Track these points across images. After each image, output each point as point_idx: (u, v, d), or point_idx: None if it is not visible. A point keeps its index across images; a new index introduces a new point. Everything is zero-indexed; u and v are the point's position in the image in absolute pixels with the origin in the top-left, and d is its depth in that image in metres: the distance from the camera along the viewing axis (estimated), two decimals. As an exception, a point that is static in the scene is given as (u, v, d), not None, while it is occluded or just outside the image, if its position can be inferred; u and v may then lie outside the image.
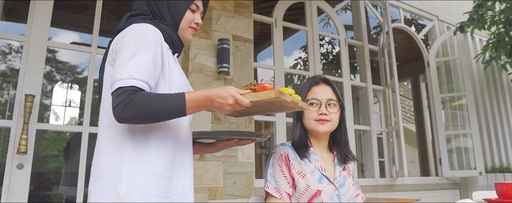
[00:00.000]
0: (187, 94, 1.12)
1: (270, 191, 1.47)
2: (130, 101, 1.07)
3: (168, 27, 1.33)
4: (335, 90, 1.56)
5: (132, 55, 1.14)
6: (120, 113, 1.07)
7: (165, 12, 1.33)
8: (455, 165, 4.89)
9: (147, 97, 1.09)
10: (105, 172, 1.17)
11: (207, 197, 3.00)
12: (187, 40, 1.39)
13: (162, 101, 1.09)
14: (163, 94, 1.12)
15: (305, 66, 6.55)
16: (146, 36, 1.19)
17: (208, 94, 1.11)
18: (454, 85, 5.20)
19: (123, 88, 1.09)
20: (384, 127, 4.71)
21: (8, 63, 5.97)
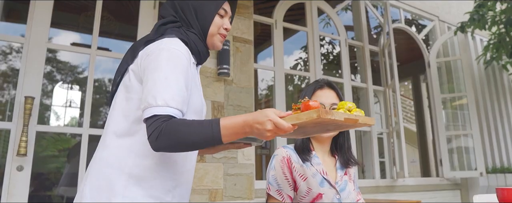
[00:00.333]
0: (223, 120, 1.06)
1: (272, 193, 1.47)
2: (163, 129, 1.04)
3: (196, 36, 1.27)
4: (339, 95, 1.56)
5: (166, 79, 1.09)
6: (154, 142, 1.05)
7: (193, 19, 1.28)
8: (456, 166, 4.88)
9: (181, 125, 1.05)
10: (101, 181, 1.14)
11: (207, 199, 2.99)
12: (216, 47, 1.33)
13: (196, 129, 1.04)
14: (196, 121, 1.07)
15: (305, 66, 6.55)
16: (179, 58, 1.14)
17: (246, 120, 1.04)
18: (454, 85, 5.19)
19: (158, 116, 1.06)
20: (384, 127, 4.70)
21: (9, 63, 5.97)
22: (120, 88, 1.24)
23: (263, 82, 7.42)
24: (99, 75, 7.43)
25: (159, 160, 1.16)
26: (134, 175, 1.13)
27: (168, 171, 1.18)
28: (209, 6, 1.29)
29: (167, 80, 1.09)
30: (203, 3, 1.29)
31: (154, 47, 1.17)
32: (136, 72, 1.19)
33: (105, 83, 7.72)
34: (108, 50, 5.33)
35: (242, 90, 3.38)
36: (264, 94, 7.73)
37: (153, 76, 1.11)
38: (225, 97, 3.27)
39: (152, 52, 1.16)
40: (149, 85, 1.10)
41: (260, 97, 7.60)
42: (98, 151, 1.22)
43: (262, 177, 6.43)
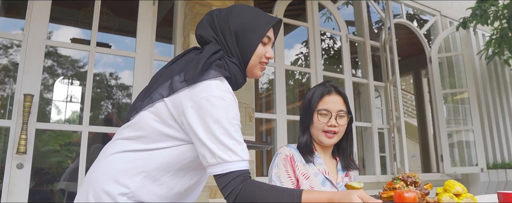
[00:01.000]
0: (305, 194, 1.01)
1: None
2: (242, 190, 1.01)
3: (237, 67, 1.18)
4: (346, 101, 1.56)
5: (230, 135, 1.05)
6: (230, 199, 1.03)
7: (233, 46, 1.18)
8: (456, 161, 4.88)
9: (261, 190, 1.02)
10: (103, 194, 1.12)
11: (207, 196, 2.99)
12: (256, 77, 1.25)
13: (276, 197, 1.01)
14: (277, 188, 1.03)
15: (306, 61, 6.52)
16: (234, 107, 1.09)
17: (331, 199, 1.00)
18: (456, 80, 5.17)
19: (235, 173, 1.03)
20: (385, 123, 4.69)
21: (10, 57, 5.95)
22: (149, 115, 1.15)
23: (264, 76, 7.41)
24: (100, 69, 7.44)
25: (166, 187, 1.14)
26: (137, 195, 1.10)
27: (171, 199, 1.17)
28: (252, 33, 1.18)
29: (233, 134, 1.05)
30: (246, 29, 1.18)
31: (205, 94, 1.07)
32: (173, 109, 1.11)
33: (106, 77, 7.72)
34: (108, 45, 5.31)
35: (243, 86, 3.36)
36: (265, 88, 7.72)
37: (217, 129, 1.04)
38: (225, 94, 3.25)
39: (202, 103, 1.06)
40: (214, 140, 1.04)
41: (261, 91, 7.59)
42: (107, 160, 1.16)
43: (262, 173, 6.44)
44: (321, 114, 1.52)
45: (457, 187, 1.08)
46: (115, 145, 1.17)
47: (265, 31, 1.20)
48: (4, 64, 5.78)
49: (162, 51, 5.23)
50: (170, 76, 1.15)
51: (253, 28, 1.19)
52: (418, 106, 7.14)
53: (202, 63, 1.10)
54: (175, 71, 1.15)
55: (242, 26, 1.18)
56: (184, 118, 1.07)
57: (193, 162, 1.14)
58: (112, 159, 1.13)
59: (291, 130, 4.72)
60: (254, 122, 3.37)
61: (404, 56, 6.75)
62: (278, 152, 1.55)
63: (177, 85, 1.11)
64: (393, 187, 1.07)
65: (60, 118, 7.10)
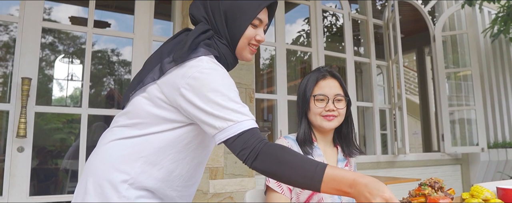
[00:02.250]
0: (330, 168, 0.95)
1: (271, 185, 1.43)
2: (263, 151, 0.97)
3: (227, 48, 1.17)
4: (342, 84, 1.51)
5: (232, 99, 1.02)
6: (251, 161, 0.98)
7: (223, 27, 1.15)
8: (457, 141, 4.88)
9: (283, 152, 0.97)
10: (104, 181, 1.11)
11: (208, 177, 3.01)
12: (246, 59, 1.21)
13: (299, 162, 0.95)
14: (301, 155, 0.98)
15: (308, 39, 6.43)
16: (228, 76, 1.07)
17: (356, 180, 0.91)
18: (460, 59, 5.10)
19: (251, 132, 0.99)
20: (387, 103, 4.67)
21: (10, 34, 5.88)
22: (142, 100, 1.14)
23: (266, 52, 7.32)
24: (101, 45, 7.38)
25: (166, 171, 1.13)
26: (138, 181, 1.10)
27: (172, 182, 1.16)
28: (242, 15, 1.14)
29: (235, 98, 1.03)
30: (236, 10, 1.14)
31: (196, 68, 1.05)
32: (166, 91, 1.09)
33: (108, 54, 7.67)
34: (107, 23, 5.24)
35: (243, 67, 3.33)
36: (267, 64, 7.66)
37: (219, 97, 1.02)
38: (225, 75, 3.22)
39: (196, 76, 1.04)
40: (218, 107, 1.01)
41: (263, 67, 7.52)
42: (105, 147, 1.15)
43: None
44: (318, 100, 1.48)
45: (485, 193, 1.06)
46: (112, 133, 1.16)
47: (255, 13, 1.15)
48: (3, 45, 5.72)
49: (161, 29, 5.15)
50: (160, 59, 1.13)
51: (244, 9, 1.15)
52: (421, 84, 7.09)
53: (190, 42, 1.09)
54: (164, 53, 1.13)
55: (232, 6, 1.15)
56: (181, 96, 1.05)
57: (192, 142, 1.13)
58: (110, 147, 1.13)
59: (292, 110, 4.72)
60: (254, 103, 3.35)
61: (407, 33, 6.64)
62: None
63: (166, 66, 1.09)
64: (422, 193, 1.06)
65: (62, 95, 7.11)
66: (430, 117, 6.74)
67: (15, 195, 2.49)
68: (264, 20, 1.20)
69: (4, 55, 5.65)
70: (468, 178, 4.81)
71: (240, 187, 3.14)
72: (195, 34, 1.11)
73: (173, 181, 1.16)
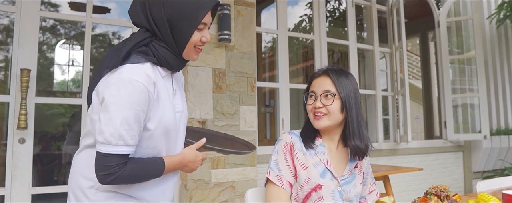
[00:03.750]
0: (166, 161, 1.22)
1: (271, 178, 1.43)
2: (121, 175, 1.11)
3: (168, 51, 1.20)
4: (335, 82, 1.42)
5: (125, 119, 1.09)
6: (105, 181, 1.10)
7: (167, 35, 1.18)
8: (460, 127, 4.87)
9: (135, 167, 1.14)
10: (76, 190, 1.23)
11: (209, 167, 3.02)
12: (193, 59, 1.27)
13: (146, 170, 1.17)
14: (148, 163, 1.18)
15: (310, 23, 6.35)
16: (139, 92, 1.10)
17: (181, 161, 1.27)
18: (464, 45, 5.03)
19: (114, 157, 1.10)
20: (390, 90, 4.64)
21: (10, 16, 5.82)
22: (89, 110, 1.24)
23: (267, 35, 7.24)
24: (103, 29, 7.31)
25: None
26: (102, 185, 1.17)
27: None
28: (186, 22, 1.17)
29: (127, 120, 1.09)
30: (179, 17, 1.17)
31: (115, 77, 1.12)
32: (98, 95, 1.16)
33: (109, 38, 7.61)
34: (107, 9, 5.17)
35: (244, 55, 3.29)
36: (268, 47, 7.58)
37: (115, 112, 1.09)
38: (227, 64, 3.19)
39: (111, 83, 1.11)
40: (108, 121, 1.09)
41: (264, 50, 7.45)
42: (76, 157, 1.28)
43: (266, 136, 6.49)
44: (310, 96, 1.47)
45: (492, 201, 1.05)
46: (82, 141, 1.28)
47: (200, 18, 1.18)
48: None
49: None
50: (101, 68, 1.19)
51: (188, 16, 1.17)
52: (424, 68, 7.03)
53: (125, 51, 1.15)
54: (105, 61, 1.19)
55: (176, 14, 1.16)
56: (102, 100, 1.13)
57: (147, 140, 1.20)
58: (77, 158, 1.26)
59: (294, 98, 4.70)
60: (256, 92, 3.33)
61: (411, 18, 6.54)
62: (279, 139, 1.51)
63: (104, 71, 1.16)
64: None
65: (64, 78, 7.09)
66: (432, 102, 6.71)
67: (18, 186, 2.50)
68: (208, 21, 1.24)
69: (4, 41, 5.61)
70: (469, 165, 4.82)
71: (242, 176, 3.16)
72: (131, 43, 1.17)
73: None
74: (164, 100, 1.20)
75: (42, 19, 5.33)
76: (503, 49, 5.20)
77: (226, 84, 3.17)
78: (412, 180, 4.33)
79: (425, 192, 1.12)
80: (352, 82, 1.46)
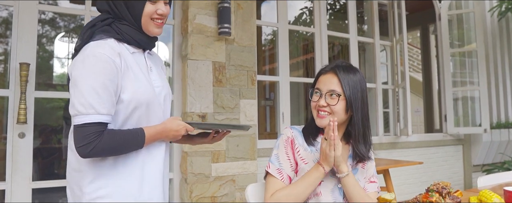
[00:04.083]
0: (146, 131, 1.22)
1: (271, 171, 1.44)
2: (98, 144, 1.12)
3: (130, 27, 1.28)
4: (342, 81, 1.39)
5: (92, 87, 1.13)
6: (85, 152, 1.12)
7: (124, 11, 1.26)
8: (460, 121, 4.86)
9: (113, 137, 1.15)
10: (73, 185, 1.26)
11: (210, 160, 3.02)
12: (154, 34, 1.31)
13: (126, 141, 1.18)
14: (126, 133, 1.19)
15: (311, 16, 6.32)
16: (104, 62, 1.15)
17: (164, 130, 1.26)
18: (464, 35, 5.01)
19: (90, 126, 1.12)
20: (390, 84, 4.63)
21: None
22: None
23: (268, 28, 7.19)
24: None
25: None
26: (94, 175, 1.21)
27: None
28: None
29: (95, 88, 1.13)
30: None
31: (80, 54, 1.18)
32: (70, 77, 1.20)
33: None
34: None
35: (244, 49, 3.28)
36: (269, 40, 7.54)
37: (81, 83, 1.13)
38: (227, 57, 3.18)
39: (77, 60, 1.17)
40: (78, 93, 1.13)
41: (264, 43, 7.42)
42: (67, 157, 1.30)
43: (266, 129, 6.49)
44: (315, 93, 1.45)
45: (494, 198, 1.05)
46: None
47: None
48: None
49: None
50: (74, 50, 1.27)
51: None
52: (424, 61, 7.00)
53: (84, 31, 1.24)
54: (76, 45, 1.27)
55: None
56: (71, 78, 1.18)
57: (129, 119, 1.24)
58: (68, 155, 1.29)
59: (294, 92, 4.70)
60: (256, 85, 3.32)
61: (411, 10, 6.49)
62: (281, 133, 1.52)
63: (74, 55, 1.23)
64: (430, 201, 1.05)
65: (64, 71, 7.06)
66: (432, 95, 6.70)
67: (19, 180, 2.51)
68: None
69: (3, 34, 5.58)
70: (469, 159, 4.82)
71: (242, 170, 3.16)
72: (91, 23, 1.27)
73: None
74: (137, 73, 1.25)
75: (41, 12, 5.30)
76: (504, 42, 5.18)
77: (226, 78, 3.16)
78: (412, 173, 4.34)
79: (426, 189, 1.12)
80: (360, 80, 1.43)
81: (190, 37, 3.01)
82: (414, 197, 1.12)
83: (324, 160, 1.34)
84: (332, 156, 1.31)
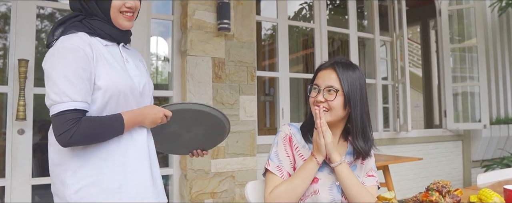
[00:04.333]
0: (125, 116, 1.24)
1: (271, 169, 1.43)
2: (77, 131, 1.13)
3: (101, 22, 1.30)
4: (340, 77, 1.38)
5: (65, 76, 1.14)
6: (65, 141, 1.13)
7: (94, 6, 1.29)
8: (459, 114, 4.86)
9: (91, 124, 1.16)
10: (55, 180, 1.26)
11: (209, 156, 3.02)
12: (124, 27, 1.33)
13: (104, 126, 1.19)
14: (104, 119, 1.20)
15: (311, 11, 6.29)
16: (75, 52, 1.17)
17: (142, 115, 1.29)
18: (465, 33, 4.99)
19: (66, 113, 1.13)
20: (390, 79, 4.62)
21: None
22: None
23: (267, 23, 7.17)
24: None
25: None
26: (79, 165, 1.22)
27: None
28: None
29: (67, 76, 1.14)
30: None
31: (51, 49, 1.21)
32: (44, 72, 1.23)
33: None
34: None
35: (244, 45, 3.27)
36: (268, 35, 7.52)
37: (53, 74, 1.15)
38: (226, 53, 3.17)
39: (48, 54, 1.20)
40: (51, 84, 1.15)
41: (264, 38, 7.40)
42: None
43: (265, 124, 6.49)
44: (313, 89, 1.44)
45: (494, 198, 1.04)
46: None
47: None
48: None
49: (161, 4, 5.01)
50: None
51: None
52: (424, 57, 6.99)
53: (58, 29, 1.27)
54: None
55: None
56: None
57: (105, 108, 1.24)
58: (49, 152, 1.29)
59: (294, 88, 4.69)
60: (256, 81, 3.31)
61: (412, 5, 6.47)
62: (279, 130, 1.51)
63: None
64: (430, 200, 1.05)
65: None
66: (432, 90, 6.69)
67: (18, 177, 2.51)
68: None
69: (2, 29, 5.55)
70: (468, 154, 4.83)
71: (241, 166, 3.16)
72: (60, 22, 1.30)
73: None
74: (111, 62, 1.27)
75: (40, 8, 5.27)
76: (505, 37, 5.16)
77: (226, 74, 3.16)
78: (411, 169, 4.35)
79: (426, 188, 1.12)
80: (359, 77, 1.41)
81: (189, 33, 3.00)
82: (414, 196, 1.11)
83: (316, 150, 1.35)
84: (322, 144, 1.32)
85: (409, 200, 1.11)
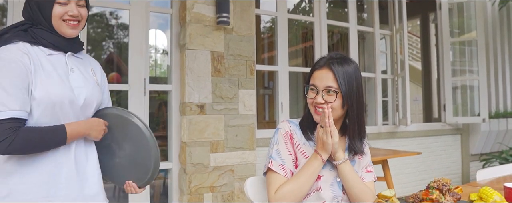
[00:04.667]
0: (68, 128, 1.25)
1: (274, 168, 1.39)
2: (15, 139, 1.14)
3: (44, 31, 1.30)
4: (337, 77, 1.36)
5: (5, 85, 1.16)
6: (3, 148, 1.14)
7: (38, 15, 1.29)
8: (458, 108, 4.86)
9: (31, 133, 1.18)
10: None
11: (208, 151, 3.02)
12: (68, 35, 1.32)
13: (45, 136, 1.21)
14: (45, 129, 1.21)
15: (310, 4, 6.26)
16: (12, 62, 1.18)
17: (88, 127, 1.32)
18: (465, 26, 4.97)
19: (4, 123, 1.14)
20: (389, 73, 4.61)
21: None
22: None
23: (267, 16, 7.12)
24: (100, 8, 7.19)
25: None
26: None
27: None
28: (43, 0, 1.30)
29: (3, 87, 1.16)
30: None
31: None
32: None
33: (107, 17, 7.50)
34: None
35: (243, 38, 3.25)
36: (267, 27, 7.49)
37: None
38: (225, 47, 3.15)
39: None
40: None
41: (263, 30, 7.37)
42: None
43: (264, 118, 6.49)
44: (311, 89, 1.42)
45: (495, 196, 1.04)
46: None
47: None
48: None
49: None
50: None
51: None
52: (423, 50, 6.97)
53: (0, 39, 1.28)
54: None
55: None
56: None
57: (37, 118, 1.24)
58: None
59: (293, 82, 4.67)
60: (255, 75, 3.30)
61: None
62: (278, 127, 1.48)
63: None
64: (430, 199, 1.04)
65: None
66: (431, 84, 6.69)
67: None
68: None
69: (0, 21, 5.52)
70: (467, 148, 4.84)
71: (241, 160, 3.16)
72: (2, 32, 1.30)
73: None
74: (50, 72, 1.26)
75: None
76: (505, 31, 5.15)
77: (225, 68, 3.14)
78: (410, 162, 4.36)
79: (426, 186, 1.11)
80: (355, 71, 1.40)
81: (188, 27, 2.98)
82: (414, 194, 1.11)
83: (322, 148, 1.34)
84: (329, 144, 1.32)
85: (409, 198, 1.10)
